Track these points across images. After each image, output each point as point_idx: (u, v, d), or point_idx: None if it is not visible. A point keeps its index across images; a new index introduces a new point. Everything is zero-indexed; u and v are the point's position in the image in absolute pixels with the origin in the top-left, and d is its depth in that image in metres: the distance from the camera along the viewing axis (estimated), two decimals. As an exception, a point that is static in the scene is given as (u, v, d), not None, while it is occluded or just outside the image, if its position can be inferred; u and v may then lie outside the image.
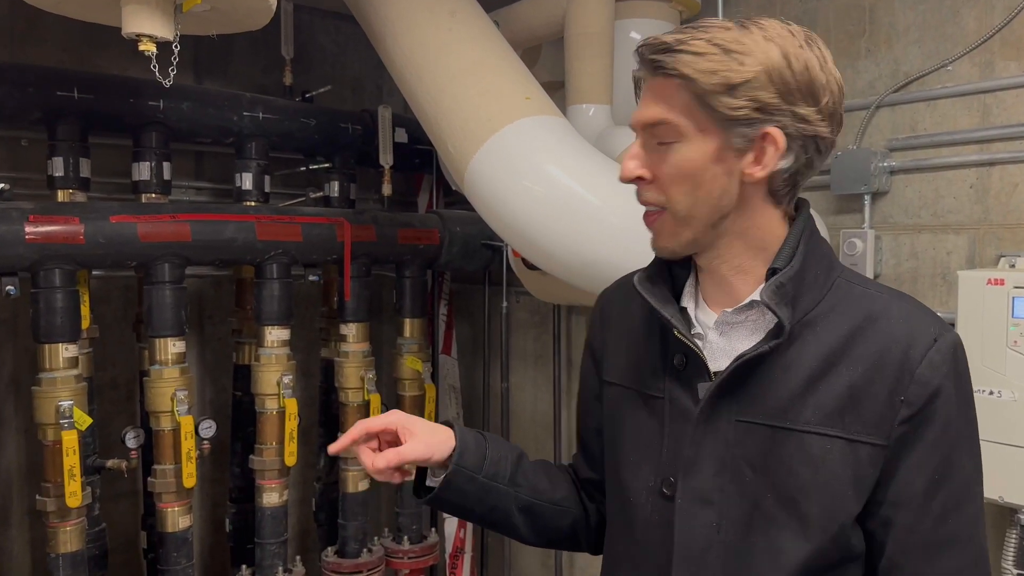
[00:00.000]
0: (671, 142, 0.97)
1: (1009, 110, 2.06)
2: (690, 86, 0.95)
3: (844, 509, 0.96)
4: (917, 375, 0.94)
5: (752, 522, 0.98)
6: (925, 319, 0.98)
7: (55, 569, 2.29)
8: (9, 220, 2.14)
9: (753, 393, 0.98)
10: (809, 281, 0.99)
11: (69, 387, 2.26)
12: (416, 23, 1.96)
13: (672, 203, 0.99)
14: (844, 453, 0.95)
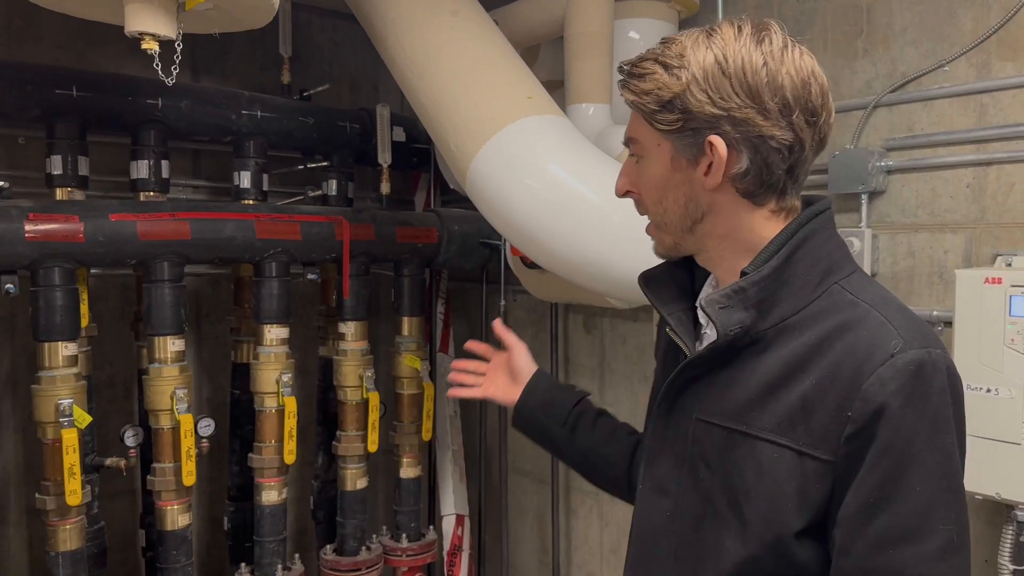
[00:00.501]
0: (640, 157, 1.04)
1: (1006, 110, 2.08)
2: (642, 104, 0.99)
3: (782, 521, 0.93)
4: (863, 390, 0.89)
5: (704, 518, 1.00)
6: (895, 332, 0.91)
7: (55, 567, 2.28)
8: (9, 218, 2.14)
9: (717, 394, 1.00)
10: (794, 286, 0.96)
11: (69, 385, 2.25)
12: (418, 22, 1.96)
13: (649, 212, 1.06)
14: (791, 464, 0.93)
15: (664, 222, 1.04)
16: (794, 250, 0.97)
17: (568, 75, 2.26)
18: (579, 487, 3.20)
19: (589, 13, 2.19)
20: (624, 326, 3.02)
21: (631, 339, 3.00)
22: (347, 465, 2.80)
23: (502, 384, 1.47)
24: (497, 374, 1.49)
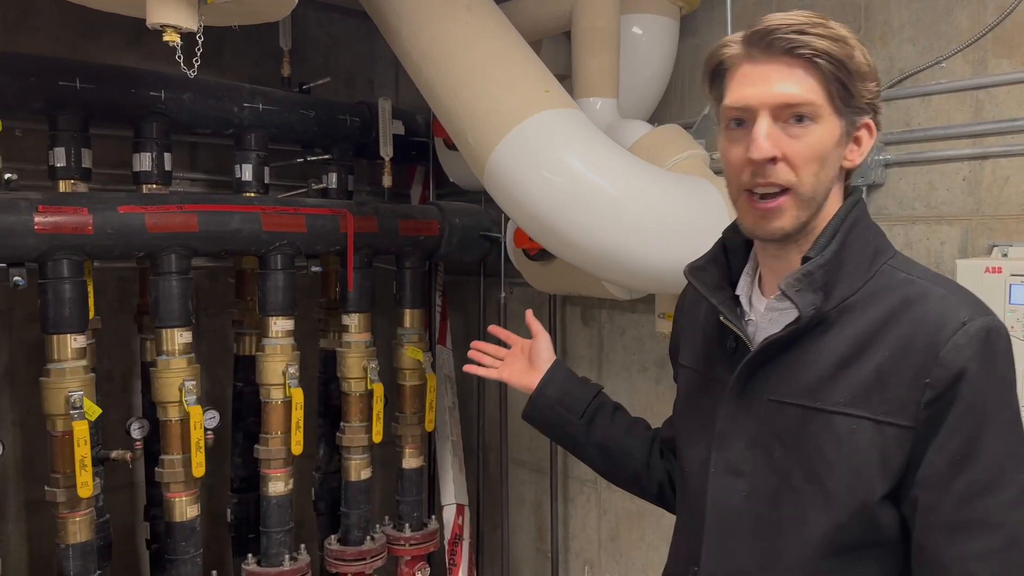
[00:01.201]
0: (807, 123, 1.00)
1: (1001, 106, 2.15)
2: (833, 68, 0.98)
3: (867, 487, 0.99)
4: (941, 357, 0.96)
5: (781, 494, 1.04)
6: (961, 303, 1.00)
7: (65, 560, 2.29)
8: (18, 210, 2.13)
9: (786, 374, 1.04)
10: (850, 268, 1.02)
11: (78, 377, 2.25)
12: (433, 18, 1.98)
13: (801, 183, 1.01)
14: (871, 434, 0.99)
15: (813, 197, 1.02)
16: (847, 234, 1.03)
17: (576, 69, 2.29)
18: (577, 476, 3.24)
19: (597, 9, 2.22)
20: (622, 318, 3.07)
21: (629, 330, 3.04)
22: (351, 456, 2.82)
23: (519, 369, 1.49)
24: (515, 359, 1.51)
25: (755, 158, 1.00)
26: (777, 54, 1.00)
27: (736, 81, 1.04)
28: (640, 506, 3.01)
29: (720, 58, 1.07)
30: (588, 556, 3.24)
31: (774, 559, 1.05)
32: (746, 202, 1.05)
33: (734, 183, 1.07)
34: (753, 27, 1.03)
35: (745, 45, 1.03)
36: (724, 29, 2.40)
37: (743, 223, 1.08)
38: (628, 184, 1.83)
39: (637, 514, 3.03)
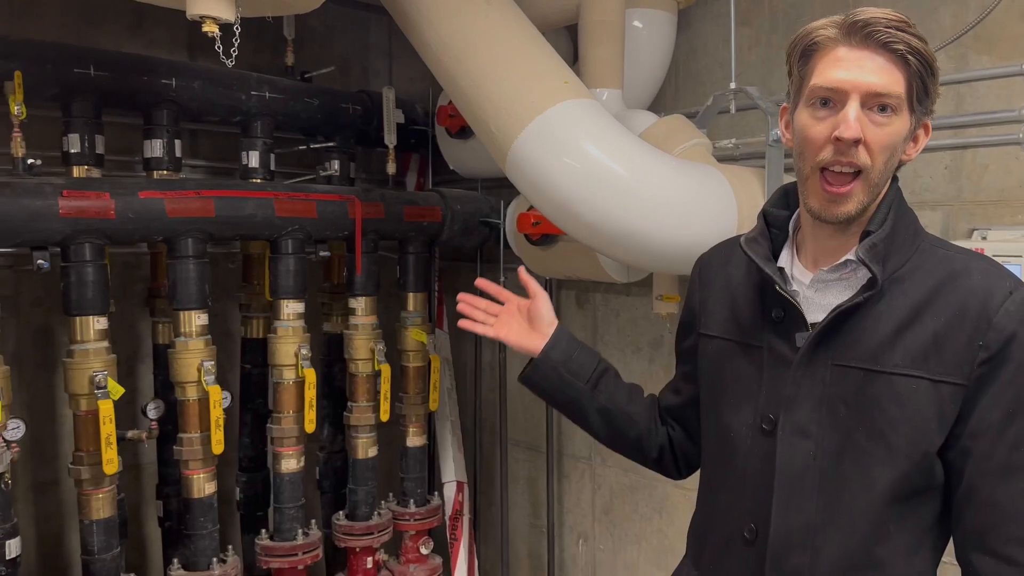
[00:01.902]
0: (892, 114, 1.08)
1: (981, 99, 2.30)
2: (919, 68, 1.08)
3: (928, 440, 1.11)
4: (994, 323, 1.08)
5: (844, 452, 1.13)
6: (1001, 275, 1.13)
7: (89, 535, 2.35)
8: (43, 195, 2.18)
9: (848, 340, 1.13)
10: (899, 243, 1.14)
11: (101, 358, 2.32)
12: (453, 11, 2.07)
13: (873, 168, 1.09)
14: (928, 392, 1.10)
15: (880, 182, 1.11)
16: (897, 214, 1.15)
17: (583, 61, 2.40)
18: (572, 453, 3.36)
19: (604, 3, 2.33)
20: (617, 300, 3.19)
21: (624, 312, 3.17)
22: (358, 435, 2.91)
23: (517, 329, 1.44)
24: (512, 318, 1.46)
25: (845, 136, 1.07)
26: (874, 45, 1.08)
27: (828, 63, 1.10)
28: (633, 480, 3.15)
29: (815, 38, 1.13)
30: (582, 529, 3.37)
31: (840, 512, 1.14)
32: (818, 182, 1.12)
33: (810, 159, 1.13)
34: (853, 16, 1.10)
35: (842, 31, 1.10)
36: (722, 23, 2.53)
37: (809, 203, 1.15)
38: (643, 170, 1.95)
39: (630, 487, 3.16)
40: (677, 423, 1.47)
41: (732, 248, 1.33)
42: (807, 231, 1.22)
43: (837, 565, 1.14)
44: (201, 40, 3.23)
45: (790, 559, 1.16)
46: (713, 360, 1.32)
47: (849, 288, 1.17)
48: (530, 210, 2.74)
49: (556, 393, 1.44)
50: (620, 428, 1.44)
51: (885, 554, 1.14)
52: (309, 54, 3.52)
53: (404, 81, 3.71)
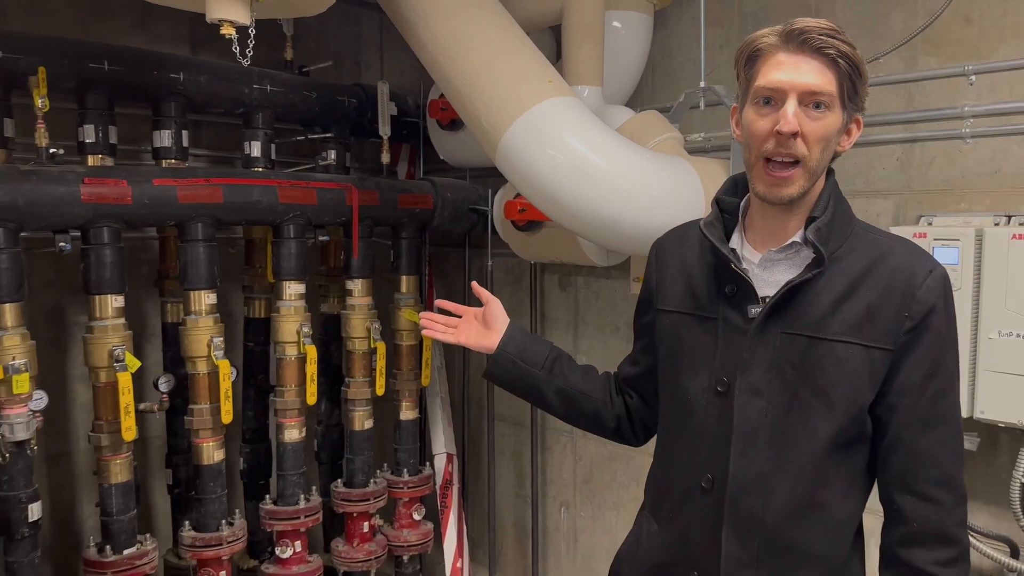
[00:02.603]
0: (825, 109, 1.24)
1: (929, 97, 2.52)
2: (848, 69, 1.23)
3: (862, 397, 1.29)
4: (918, 297, 1.26)
5: (791, 408, 1.30)
6: (922, 256, 1.32)
7: (108, 498, 2.54)
8: (67, 182, 2.36)
9: (795, 312, 1.30)
10: (837, 228, 1.31)
11: (119, 334, 2.50)
12: (448, 13, 2.26)
13: (811, 157, 1.25)
14: (862, 356, 1.27)
15: (817, 170, 1.27)
16: (835, 203, 1.33)
17: (565, 60, 2.60)
18: (555, 427, 3.58)
19: (585, 6, 2.53)
20: (597, 283, 3.40)
21: (604, 295, 3.38)
22: (356, 408, 3.11)
23: (475, 333, 1.61)
24: (470, 325, 1.62)
25: (784, 131, 1.22)
26: (808, 50, 1.22)
27: (770, 66, 1.25)
28: (612, 451, 3.37)
29: (758, 45, 1.27)
30: (564, 499, 3.59)
31: (787, 460, 1.30)
32: (762, 169, 1.28)
33: (755, 151, 1.28)
34: (791, 26, 1.24)
35: (781, 38, 1.24)
36: (694, 24, 2.73)
37: (756, 187, 1.30)
38: (619, 160, 2.15)
39: (609, 458, 3.38)
40: (636, 392, 1.61)
41: (685, 232, 1.51)
42: (756, 214, 1.38)
43: (785, 506, 1.31)
44: (203, 35, 3.46)
45: (745, 502, 1.31)
46: (671, 331, 1.46)
47: (793, 266, 1.33)
48: (517, 198, 2.94)
49: (516, 381, 1.60)
50: (577, 405, 1.60)
51: (825, 496, 1.31)
52: (305, 49, 3.69)
53: (395, 74, 3.89)
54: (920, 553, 1.30)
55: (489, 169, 3.05)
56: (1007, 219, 2.32)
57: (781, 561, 1.32)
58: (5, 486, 2.39)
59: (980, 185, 2.43)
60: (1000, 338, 2.17)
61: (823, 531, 1.33)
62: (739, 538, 1.32)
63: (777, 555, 1.32)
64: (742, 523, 1.32)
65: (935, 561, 1.30)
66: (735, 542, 1.32)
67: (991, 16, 2.39)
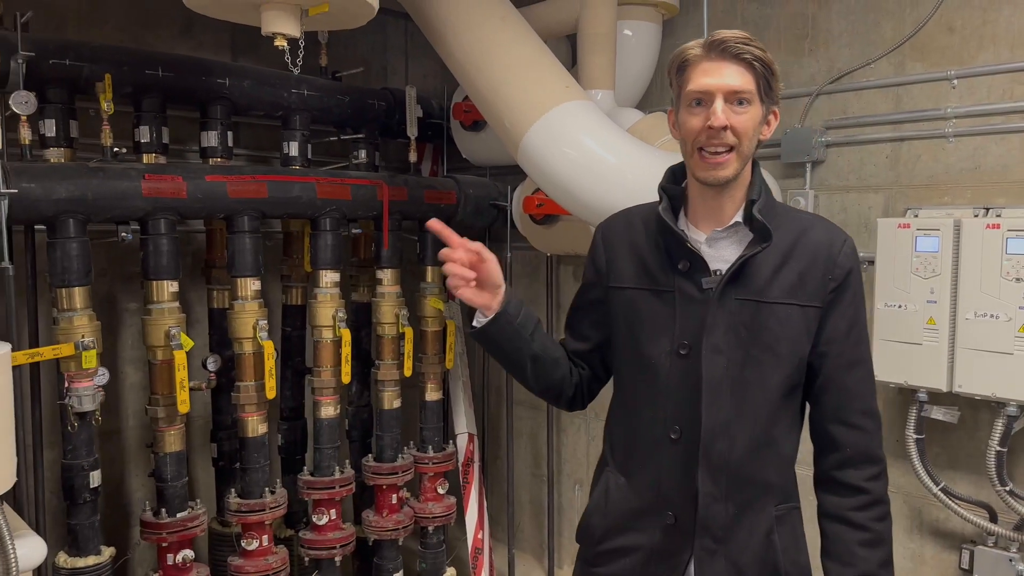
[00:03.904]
0: (747, 104, 1.45)
1: (915, 99, 2.74)
2: (763, 70, 1.45)
3: (802, 348, 1.52)
4: (838, 261, 1.51)
5: (746, 363, 1.51)
6: (836, 229, 1.57)
7: (163, 466, 2.79)
8: (129, 178, 2.61)
9: (744, 281, 1.51)
10: (768, 208, 1.54)
11: (175, 316, 2.75)
12: (474, 25, 2.50)
13: (741, 145, 1.47)
14: (799, 314, 1.51)
15: (746, 154, 1.48)
16: (765, 187, 1.56)
17: (581, 67, 2.83)
18: (570, 410, 3.80)
19: (599, 16, 2.76)
20: (609, 274, 3.62)
21: (615, 284, 3.60)
22: (385, 388, 3.35)
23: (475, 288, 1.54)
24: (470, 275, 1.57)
25: (715, 125, 1.43)
26: (728, 57, 1.43)
27: (698, 73, 1.45)
28: (624, 432, 3.59)
29: (686, 56, 1.48)
30: (578, 476, 3.82)
31: (746, 407, 1.51)
32: (699, 158, 1.48)
33: (691, 144, 1.48)
34: (712, 38, 1.45)
35: (705, 49, 1.45)
36: (699, 31, 2.95)
37: (696, 173, 1.49)
38: (629, 158, 2.39)
39: (622, 438, 3.60)
40: (587, 364, 1.73)
41: (629, 217, 1.69)
42: (695, 198, 1.57)
43: (747, 446, 1.52)
44: (243, 43, 3.72)
45: (716, 446, 1.51)
46: (628, 305, 1.62)
47: (735, 243, 1.54)
48: (535, 193, 3.18)
49: (505, 343, 1.60)
50: (548, 371, 1.66)
51: (777, 433, 1.55)
52: (335, 54, 3.92)
53: (419, 78, 4.13)
54: (852, 473, 1.55)
55: (509, 167, 3.30)
56: (985, 211, 2.54)
57: (746, 493, 1.54)
58: (69, 454, 2.63)
59: (962, 180, 2.64)
60: (976, 319, 2.39)
61: (776, 464, 1.57)
62: (712, 477, 1.52)
63: (742, 488, 1.53)
64: (713, 464, 1.52)
65: (865, 478, 1.55)
66: (709, 481, 1.52)
67: (972, 25, 2.61)
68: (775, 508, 1.57)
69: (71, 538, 2.65)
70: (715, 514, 1.53)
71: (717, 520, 1.53)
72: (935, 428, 2.67)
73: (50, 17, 3.11)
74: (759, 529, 1.55)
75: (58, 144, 2.70)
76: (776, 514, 1.56)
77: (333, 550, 3.14)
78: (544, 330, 1.68)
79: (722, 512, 1.53)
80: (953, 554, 2.72)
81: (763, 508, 1.56)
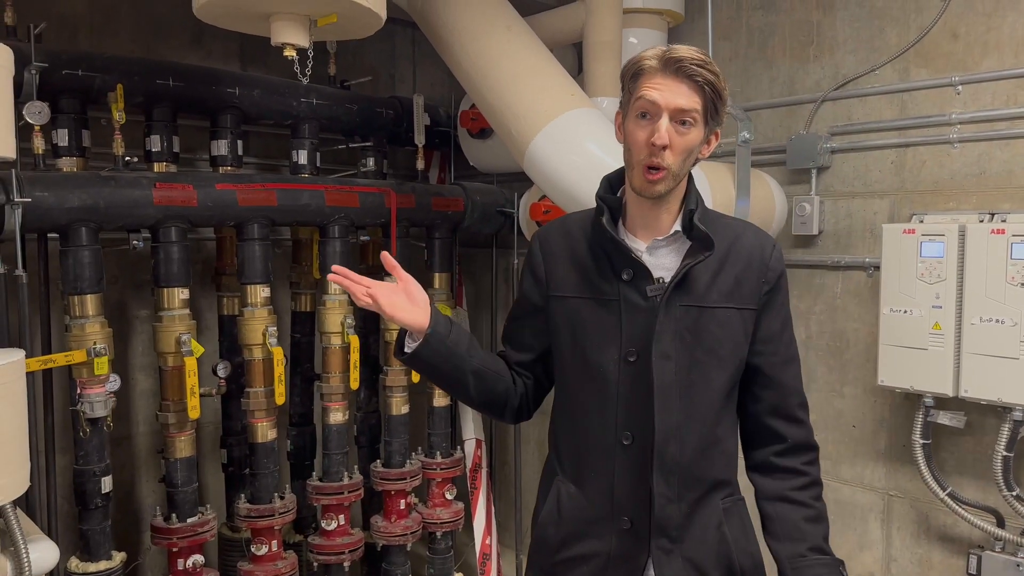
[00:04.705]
0: (690, 126, 1.47)
1: (920, 105, 2.75)
2: (712, 94, 1.46)
3: (742, 349, 1.58)
4: (771, 265, 1.58)
5: (692, 366, 1.55)
6: (765, 235, 1.63)
7: (173, 471, 2.81)
8: (141, 186, 2.64)
9: (686, 288, 1.54)
10: (704, 216, 1.56)
11: (185, 323, 2.78)
12: (480, 34, 2.53)
13: (673, 164, 1.48)
14: (737, 317, 1.56)
15: (679, 173, 1.50)
16: (698, 196, 1.58)
17: (586, 74, 2.85)
18: (577, 415, 3.81)
19: (604, 25, 2.78)
20: (616, 280, 3.64)
21: (622, 290, 3.61)
22: (393, 394, 3.37)
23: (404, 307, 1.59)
24: (394, 294, 1.61)
25: (658, 143, 1.44)
26: (682, 76, 1.44)
27: (649, 85, 1.45)
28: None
29: (642, 65, 1.48)
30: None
31: (694, 409, 1.55)
32: (641, 171, 1.49)
33: (635, 156, 1.49)
34: (668, 54, 1.45)
35: (660, 63, 1.45)
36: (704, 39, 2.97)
37: (634, 184, 1.51)
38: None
39: (629, 444, 3.61)
40: (531, 375, 1.73)
41: (566, 226, 1.69)
42: (632, 207, 1.59)
43: (696, 447, 1.56)
44: (251, 52, 3.75)
45: (668, 449, 1.54)
46: (571, 315, 1.62)
47: (673, 251, 1.57)
48: (541, 200, 3.19)
49: (443, 363, 1.59)
50: (491, 385, 1.66)
51: (721, 432, 1.59)
52: (343, 63, 3.96)
53: (426, 86, 4.17)
54: (792, 459, 1.63)
55: (515, 174, 3.32)
56: (990, 216, 2.55)
57: (696, 491, 1.58)
58: (81, 460, 2.66)
59: (967, 185, 2.66)
60: (981, 323, 2.39)
61: (722, 461, 1.61)
62: (665, 480, 1.55)
63: (693, 487, 1.57)
64: (667, 467, 1.55)
65: (803, 463, 1.63)
66: (663, 484, 1.55)
67: (975, 32, 2.63)
68: (721, 501, 1.61)
69: (83, 543, 2.68)
70: (670, 514, 1.56)
71: (672, 520, 1.56)
72: (941, 433, 2.68)
73: (63, 28, 3.16)
74: (710, 524, 1.59)
75: (71, 153, 2.74)
76: (723, 507, 1.61)
77: (342, 555, 3.16)
78: (477, 343, 1.67)
79: (676, 512, 1.56)
80: (960, 559, 2.72)
81: (712, 503, 1.60)
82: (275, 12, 2.15)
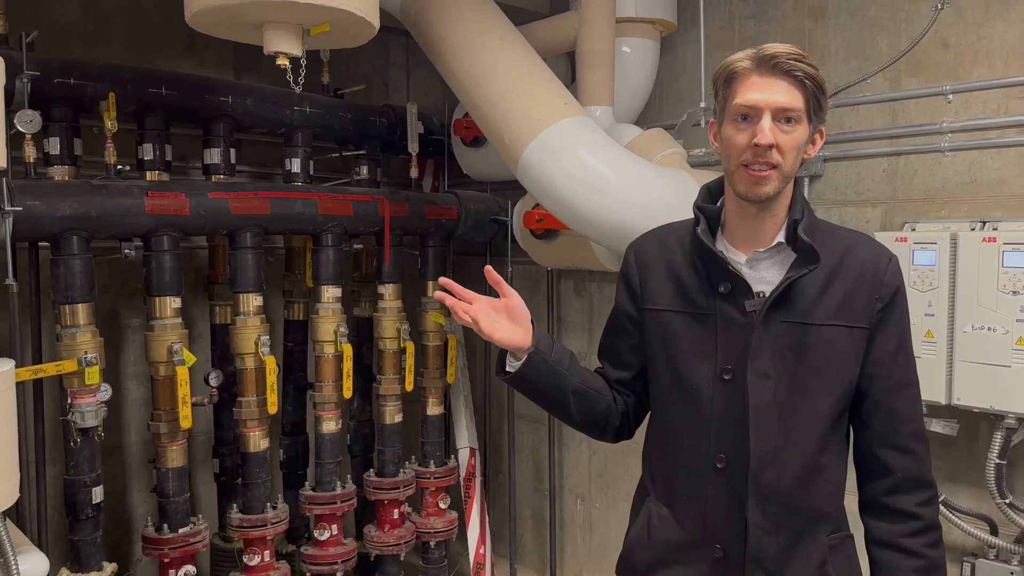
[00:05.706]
0: (795, 123, 1.40)
1: (911, 114, 2.76)
2: (813, 88, 1.40)
3: (851, 371, 1.47)
4: (885, 280, 1.46)
5: (793, 387, 1.45)
6: (880, 247, 1.52)
7: (165, 481, 2.80)
8: (133, 195, 2.64)
9: (788, 303, 1.45)
10: (811, 227, 1.49)
11: (177, 332, 2.77)
12: (473, 44, 2.54)
13: (784, 164, 1.41)
14: (847, 335, 1.45)
15: (789, 172, 1.42)
16: (807, 206, 1.52)
17: (579, 83, 2.86)
18: (571, 424, 3.81)
19: (597, 34, 2.79)
20: (610, 288, 3.64)
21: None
22: (386, 403, 3.36)
23: (506, 327, 1.50)
24: (495, 316, 1.51)
25: (762, 143, 1.37)
26: (779, 73, 1.38)
27: (746, 87, 1.40)
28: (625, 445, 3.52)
29: (734, 68, 1.42)
30: (580, 491, 3.83)
31: (795, 433, 1.45)
32: (743, 173, 1.42)
33: (735, 160, 1.42)
34: (762, 52, 1.40)
35: (754, 62, 1.40)
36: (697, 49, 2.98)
37: (737, 188, 1.43)
38: (627, 173, 2.41)
39: (622, 452, 3.61)
40: (631, 393, 1.67)
41: (664, 236, 1.63)
42: (733, 217, 1.51)
43: (797, 474, 1.46)
44: (245, 61, 3.75)
45: (765, 475, 1.45)
46: (665, 329, 1.55)
47: (776, 264, 1.48)
48: (535, 208, 3.20)
49: (544, 382, 1.54)
50: (592, 405, 1.60)
51: (826, 460, 1.49)
52: (337, 72, 3.96)
53: (420, 95, 4.17)
54: (904, 498, 1.50)
55: (509, 182, 3.32)
56: (981, 224, 2.55)
57: (796, 523, 1.48)
58: (72, 470, 2.65)
59: (958, 194, 2.66)
60: (973, 331, 2.40)
61: (826, 491, 1.51)
62: (761, 508, 1.46)
63: (793, 518, 1.48)
64: (763, 494, 1.46)
65: (917, 503, 1.50)
66: (759, 512, 1.46)
67: (966, 41, 2.64)
68: (828, 538, 1.51)
69: (73, 554, 2.66)
70: (766, 546, 1.47)
71: (768, 553, 1.47)
72: (934, 441, 2.67)
73: (56, 36, 3.15)
74: (812, 560, 1.50)
75: (62, 162, 2.73)
76: (829, 544, 1.51)
77: (335, 565, 3.14)
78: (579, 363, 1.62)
79: (773, 544, 1.47)
80: (954, 567, 2.72)
81: (815, 538, 1.50)
82: (268, 21, 2.15)
